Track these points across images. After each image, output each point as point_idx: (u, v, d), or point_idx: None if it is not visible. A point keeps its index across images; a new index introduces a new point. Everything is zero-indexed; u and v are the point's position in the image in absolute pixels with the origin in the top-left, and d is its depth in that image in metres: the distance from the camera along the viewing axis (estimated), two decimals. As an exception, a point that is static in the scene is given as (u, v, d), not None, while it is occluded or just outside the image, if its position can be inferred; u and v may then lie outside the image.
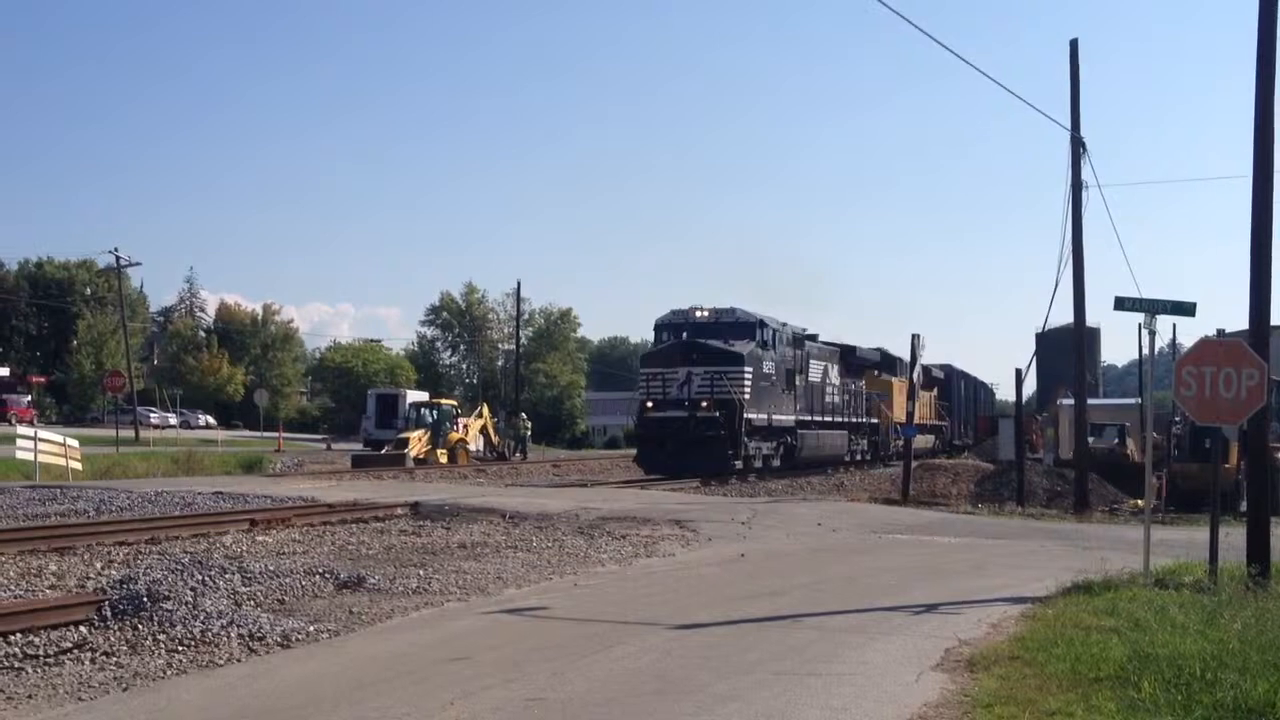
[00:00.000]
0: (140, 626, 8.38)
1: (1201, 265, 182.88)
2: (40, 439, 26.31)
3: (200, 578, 9.80)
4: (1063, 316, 24.21)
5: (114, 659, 7.61)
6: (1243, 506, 14.67)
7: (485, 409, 47.47)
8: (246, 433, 63.02)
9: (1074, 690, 6.49)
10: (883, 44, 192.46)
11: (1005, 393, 65.68)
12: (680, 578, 11.72)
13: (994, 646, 7.83)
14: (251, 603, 9.59)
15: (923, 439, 39.09)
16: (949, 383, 49.41)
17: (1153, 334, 11.73)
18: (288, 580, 10.48)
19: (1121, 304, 11.58)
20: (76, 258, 79.95)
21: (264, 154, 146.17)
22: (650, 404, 29.61)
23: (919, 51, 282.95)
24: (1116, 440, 32.13)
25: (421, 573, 11.46)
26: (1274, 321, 11.15)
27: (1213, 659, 6.75)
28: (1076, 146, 21.87)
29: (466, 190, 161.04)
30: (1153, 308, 11.50)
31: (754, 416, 29.46)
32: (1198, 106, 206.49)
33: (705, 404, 28.40)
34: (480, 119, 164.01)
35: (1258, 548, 10.62)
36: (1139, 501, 21.70)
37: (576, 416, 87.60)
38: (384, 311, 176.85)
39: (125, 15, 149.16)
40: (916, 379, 27.58)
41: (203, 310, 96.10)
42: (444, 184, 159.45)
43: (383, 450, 38.23)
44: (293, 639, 8.27)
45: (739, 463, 29.28)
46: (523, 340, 79.60)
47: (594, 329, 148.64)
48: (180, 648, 7.89)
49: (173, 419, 65.34)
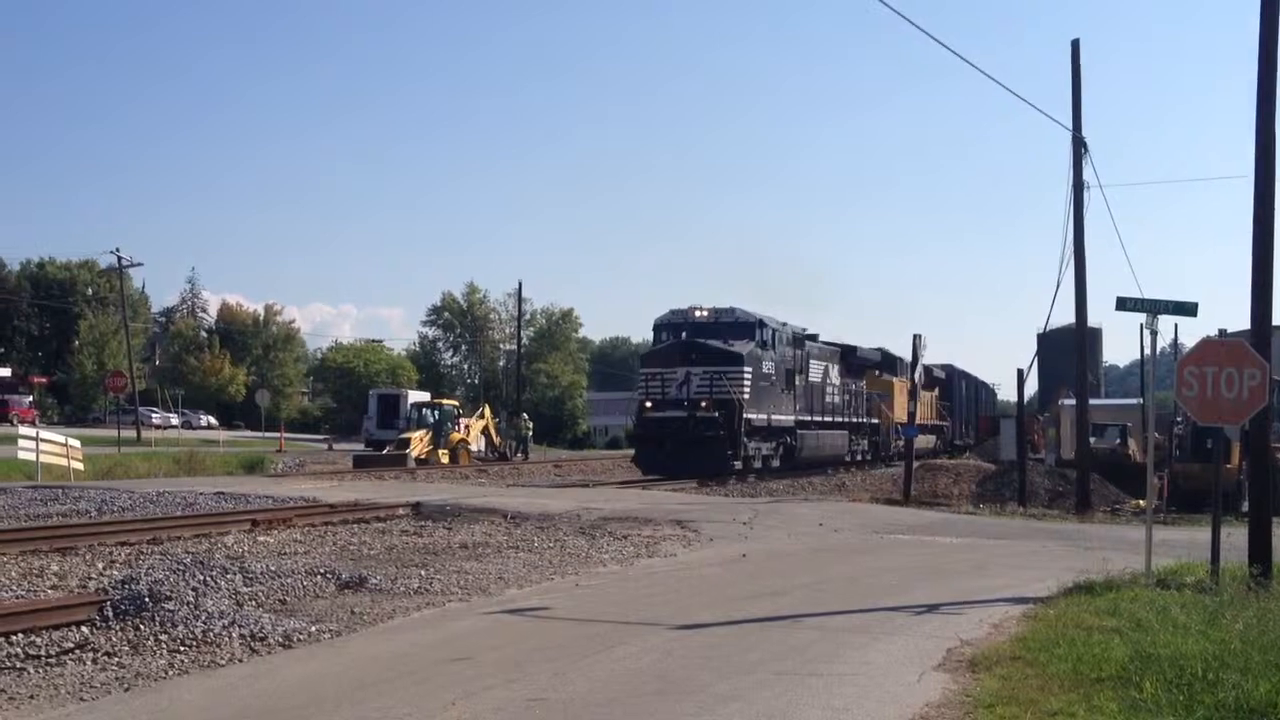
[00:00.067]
0: (142, 627, 8.38)
1: (1203, 265, 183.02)
2: (42, 439, 26.33)
3: (202, 578, 9.81)
4: (1064, 317, 24.21)
5: (116, 659, 7.61)
6: (1244, 507, 14.68)
7: (487, 409, 47.55)
8: (248, 433, 63.10)
9: (1076, 690, 6.49)
10: (883, 44, 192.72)
11: (1006, 393, 65.75)
12: (682, 578, 11.72)
13: (996, 647, 7.83)
14: (253, 603, 9.59)
15: (924, 439, 39.02)
16: (950, 383, 49.39)
17: (1154, 334, 11.73)
18: (289, 580, 10.48)
19: (1123, 304, 11.58)
20: (78, 258, 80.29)
21: (264, 154, 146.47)
22: (649, 404, 29.48)
23: (920, 51, 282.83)
24: (1118, 440, 32.16)
25: (423, 573, 11.46)
26: (1276, 321, 11.12)
27: (1214, 659, 6.75)
28: (1078, 146, 21.86)
29: (467, 190, 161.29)
30: (1154, 308, 11.50)
31: (753, 417, 29.35)
32: (1199, 106, 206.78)
33: (704, 404, 28.27)
34: (480, 119, 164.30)
35: (1259, 548, 10.62)
36: (1141, 502, 21.70)
37: (578, 417, 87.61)
38: (386, 312, 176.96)
39: (125, 15, 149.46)
40: (918, 379, 27.56)
41: (204, 310, 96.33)
42: (444, 184, 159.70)
43: (384, 450, 38.23)
44: (294, 639, 8.27)
45: (738, 463, 29.15)
46: (524, 340, 79.67)
47: (595, 329, 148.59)
48: (182, 648, 7.89)
49: (174, 419, 65.42)
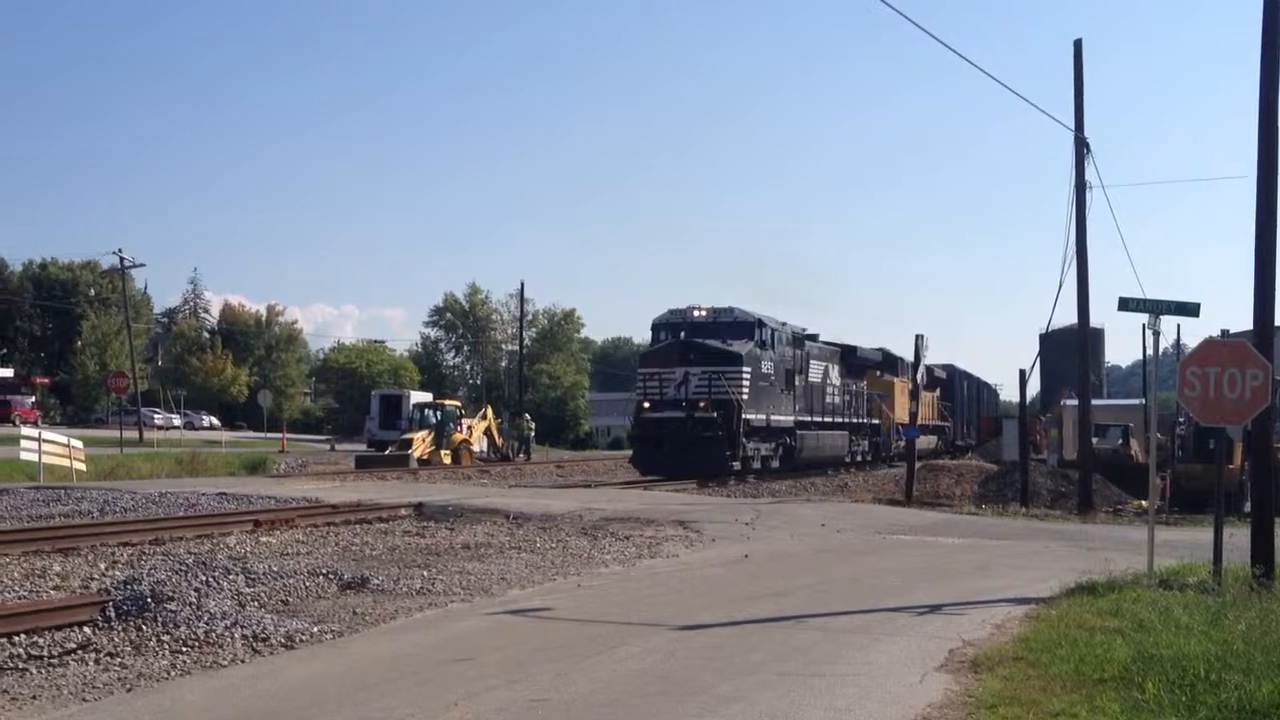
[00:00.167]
0: (144, 627, 8.39)
1: (1205, 266, 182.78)
2: (44, 440, 26.33)
3: (204, 578, 9.81)
4: (1066, 317, 24.21)
5: (118, 660, 7.61)
6: (1247, 507, 14.68)
7: (489, 410, 47.56)
8: (250, 433, 63.17)
9: (1078, 691, 6.48)
10: (885, 44, 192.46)
11: (1009, 393, 65.85)
12: (684, 578, 11.72)
13: (998, 647, 7.83)
14: (255, 603, 9.59)
15: (925, 440, 39.00)
16: (952, 383, 49.38)
17: (1157, 334, 11.71)
18: (292, 581, 10.48)
19: (1125, 305, 11.57)
20: (80, 259, 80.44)
21: (264, 154, 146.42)
22: (647, 404, 29.32)
23: (921, 52, 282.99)
24: (1120, 441, 32.13)
25: (425, 573, 11.47)
26: (1278, 322, 11.13)
27: (1217, 660, 6.74)
28: (1080, 147, 21.83)
29: (467, 190, 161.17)
30: (1157, 308, 11.49)
31: (752, 417, 29.22)
32: (1201, 107, 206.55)
33: (703, 404, 28.13)
34: (480, 119, 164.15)
35: (1262, 548, 10.62)
36: (1143, 502, 21.69)
37: (580, 417, 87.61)
38: (388, 312, 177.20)
39: (125, 15, 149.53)
40: (920, 379, 27.55)
41: (207, 311, 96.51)
42: (444, 184, 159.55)
43: (387, 451, 38.22)
44: (297, 640, 8.27)
45: (737, 464, 29.02)
46: (526, 341, 79.70)
47: (597, 330, 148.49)
48: (184, 648, 7.90)
49: (177, 420, 65.62)
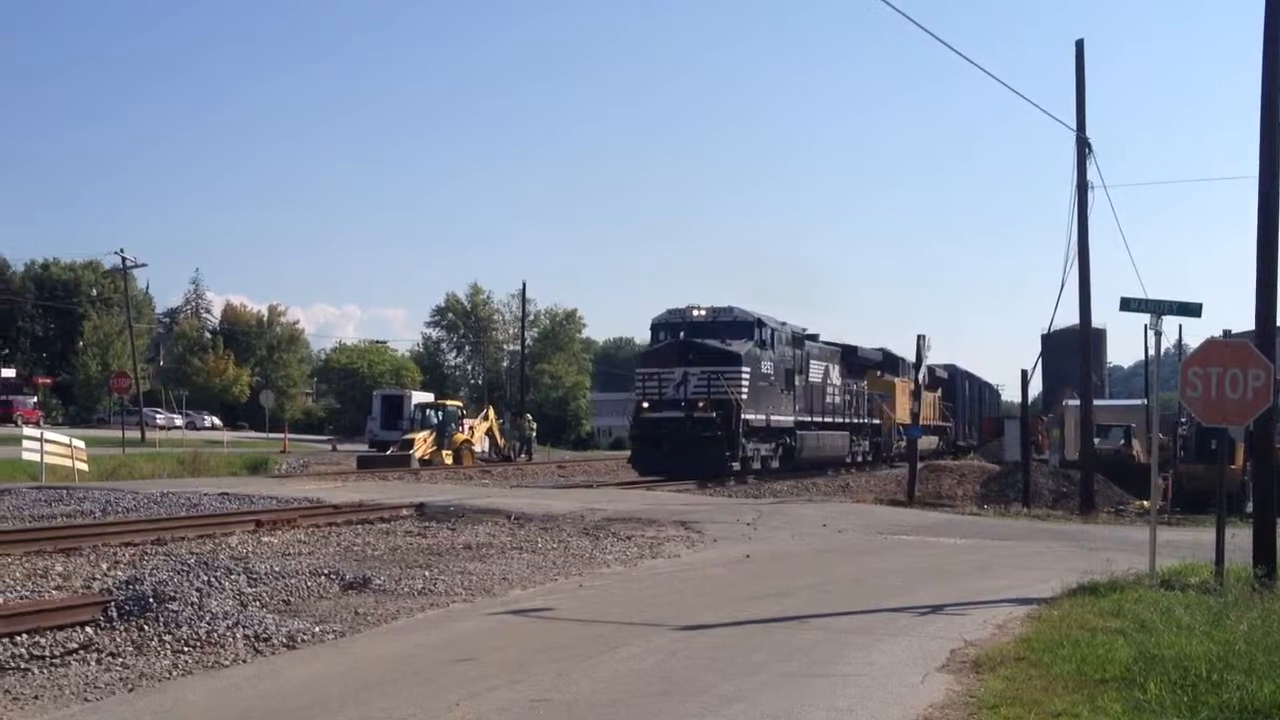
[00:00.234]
0: (146, 627, 8.39)
1: (1207, 266, 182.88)
2: (46, 440, 26.37)
3: (206, 579, 9.82)
4: (1068, 317, 24.25)
5: (120, 660, 7.62)
6: (1249, 507, 14.68)
7: (491, 410, 47.55)
8: (252, 434, 63.23)
9: (1080, 691, 6.48)
10: (885, 44, 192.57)
11: (1010, 394, 65.89)
12: (686, 579, 11.71)
13: (1000, 647, 7.82)
14: (257, 604, 9.60)
15: (927, 440, 38.95)
16: (953, 383, 49.33)
17: (1159, 335, 11.69)
18: (293, 581, 10.49)
19: (1127, 305, 11.56)
20: (82, 259, 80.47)
21: (265, 154, 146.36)
22: (646, 404, 29.21)
23: (922, 52, 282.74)
24: (1122, 441, 32.14)
25: (427, 574, 11.47)
26: (1280, 322, 11.12)
27: (1219, 660, 6.74)
28: (1082, 147, 21.83)
29: (467, 190, 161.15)
30: (1158, 309, 11.48)
31: (752, 417, 29.12)
32: (1203, 107, 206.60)
33: (702, 404, 28.04)
34: (480, 119, 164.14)
35: (1264, 549, 10.61)
36: (1145, 502, 21.71)
37: (582, 417, 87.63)
38: (390, 313, 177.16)
39: (125, 15, 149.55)
40: (922, 379, 27.55)
41: (208, 311, 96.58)
42: (444, 184, 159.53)
43: (388, 451, 38.23)
44: (298, 640, 8.28)
45: (736, 464, 28.93)
46: (528, 341, 79.71)
47: (599, 330, 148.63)
48: (186, 648, 7.90)
49: (178, 420, 65.62)
